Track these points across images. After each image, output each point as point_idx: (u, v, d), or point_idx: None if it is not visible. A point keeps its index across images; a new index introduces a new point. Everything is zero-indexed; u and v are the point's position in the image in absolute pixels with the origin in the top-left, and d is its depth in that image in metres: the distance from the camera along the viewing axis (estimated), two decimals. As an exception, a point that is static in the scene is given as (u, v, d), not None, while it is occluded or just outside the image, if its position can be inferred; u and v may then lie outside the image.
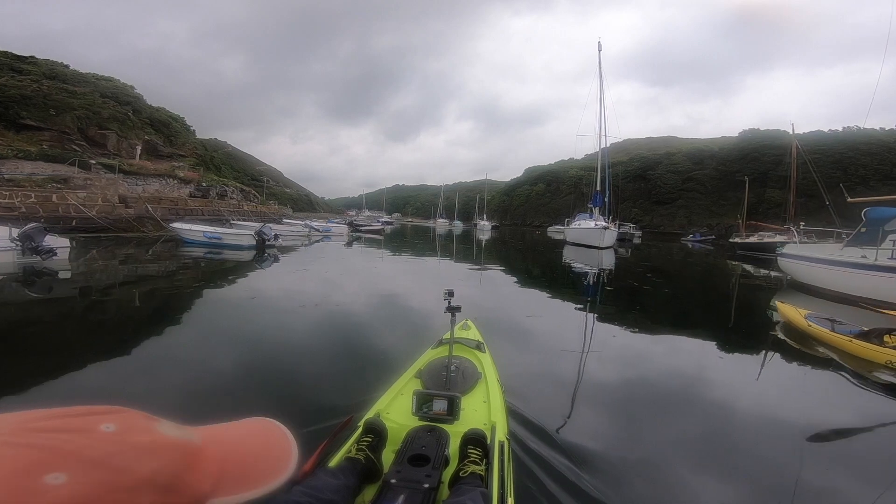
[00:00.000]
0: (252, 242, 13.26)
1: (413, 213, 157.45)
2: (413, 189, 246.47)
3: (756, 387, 3.89)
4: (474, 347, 2.77)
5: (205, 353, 4.04)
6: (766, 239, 22.89)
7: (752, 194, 62.29)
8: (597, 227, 21.94)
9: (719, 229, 57.59)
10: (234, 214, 25.59)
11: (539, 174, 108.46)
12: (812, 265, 9.83)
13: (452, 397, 1.89)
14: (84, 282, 7.81)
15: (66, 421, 0.36)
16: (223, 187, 33.09)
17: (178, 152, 38.72)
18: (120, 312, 5.75)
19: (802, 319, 5.33)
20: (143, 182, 23.06)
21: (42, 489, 0.31)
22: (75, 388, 3.16)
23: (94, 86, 35.54)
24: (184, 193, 27.49)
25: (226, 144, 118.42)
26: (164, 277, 8.50)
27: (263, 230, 13.47)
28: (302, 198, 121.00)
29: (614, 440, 2.68)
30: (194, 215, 21.90)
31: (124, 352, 3.96)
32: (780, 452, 2.67)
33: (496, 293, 8.53)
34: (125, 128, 31.21)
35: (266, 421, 0.50)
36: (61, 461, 0.32)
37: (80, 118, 27.36)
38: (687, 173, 73.43)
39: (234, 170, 78.73)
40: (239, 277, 9.14)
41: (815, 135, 64.67)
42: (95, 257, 11.02)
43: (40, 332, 4.76)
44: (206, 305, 6.31)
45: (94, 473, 0.33)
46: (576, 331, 5.69)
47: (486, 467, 1.55)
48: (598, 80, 24.96)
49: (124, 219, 17.70)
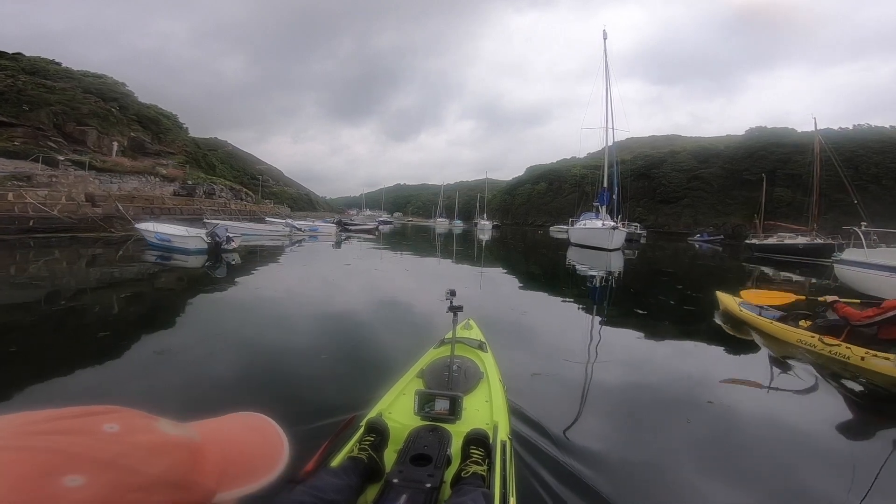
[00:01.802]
0: (201, 246, 11.07)
1: (414, 213, 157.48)
2: (414, 188, 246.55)
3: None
4: (476, 347, 2.76)
5: (206, 355, 3.91)
6: (787, 240, 21.26)
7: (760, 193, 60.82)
8: (604, 226, 20.26)
9: (726, 229, 56.14)
10: (218, 214, 24.14)
11: (541, 173, 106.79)
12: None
13: (454, 397, 1.87)
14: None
15: (68, 422, 0.35)
16: (211, 185, 31.71)
17: (167, 150, 37.40)
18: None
19: (736, 306, 6.00)
20: (119, 180, 21.64)
21: (62, 493, 0.30)
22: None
23: (79, 82, 34.29)
24: (167, 192, 26.17)
25: (226, 144, 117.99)
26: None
27: (216, 231, 11.24)
28: (302, 197, 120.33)
29: (617, 440, 2.67)
30: (172, 214, 20.48)
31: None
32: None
33: (496, 293, 7.89)
34: (107, 124, 29.84)
35: (254, 415, 0.51)
36: (75, 463, 0.32)
37: (57, 114, 25.96)
38: (692, 172, 71.99)
39: (234, 169, 77.70)
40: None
41: (825, 132, 63.07)
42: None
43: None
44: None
45: (108, 474, 0.33)
46: (579, 332, 5.58)
47: (489, 467, 1.56)
48: (604, 70, 23.37)
49: (90, 218, 16.30)
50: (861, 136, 59.47)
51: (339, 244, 18.91)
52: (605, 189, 23.11)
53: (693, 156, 75.02)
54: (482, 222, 63.37)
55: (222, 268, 9.85)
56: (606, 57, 23.49)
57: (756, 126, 74.17)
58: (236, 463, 0.43)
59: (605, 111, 23.05)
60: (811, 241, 19.62)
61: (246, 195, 41.67)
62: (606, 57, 23.49)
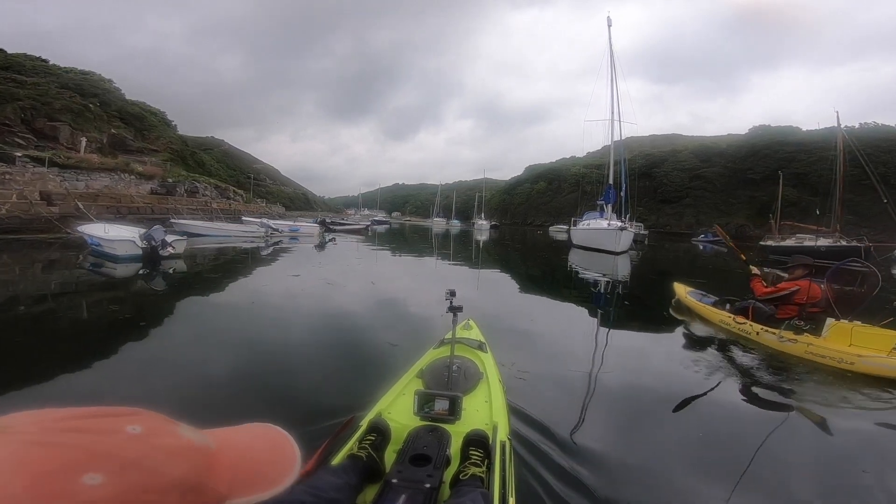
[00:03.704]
0: (134, 251, 9.19)
1: (413, 212, 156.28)
2: (413, 188, 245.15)
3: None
4: (476, 347, 2.76)
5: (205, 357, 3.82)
6: (808, 242, 19.65)
7: (765, 193, 59.41)
8: (610, 227, 18.53)
9: (729, 229, 54.74)
10: (196, 213, 22.58)
11: (540, 172, 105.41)
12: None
13: (454, 397, 1.86)
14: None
15: (92, 421, 0.36)
16: (193, 183, 30.15)
17: (150, 147, 35.86)
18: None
19: (685, 294, 6.62)
20: (86, 177, 20.05)
21: (80, 489, 0.31)
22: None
23: (57, 78, 32.75)
24: (143, 190, 24.64)
25: (222, 143, 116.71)
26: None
27: (152, 233, 9.29)
28: (299, 196, 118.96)
29: (616, 441, 2.64)
30: (142, 214, 18.95)
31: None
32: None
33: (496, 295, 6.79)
34: (82, 120, 28.26)
35: (270, 427, 0.52)
36: (96, 462, 0.33)
37: (25, 109, 24.35)
38: (694, 171, 70.76)
39: (229, 168, 76.00)
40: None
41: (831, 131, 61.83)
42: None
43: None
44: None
45: (127, 475, 0.33)
46: (579, 334, 5.58)
47: (488, 468, 1.56)
48: (609, 59, 21.80)
49: (43, 218, 14.80)
50: (867, 135, 58.05)
51: (322, 246, 17.37)
52: (610, 186, 21.36)
53: (694, 155, 73.76)
54: (479, 222, 62.38)
55: (158, 279, 8.28)
56: (611, 45, 21.97)
57: (759, 124, 72.95)
58: (248, 471, 0.44)
59: (611, 102, 21.44)
60: (835, 244, 18.05)
61: (234, 194, 40.18)
62: (611, 45, 21.97)
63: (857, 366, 3.89)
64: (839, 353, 4.03)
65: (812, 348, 4.20)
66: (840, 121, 22.87)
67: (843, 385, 3.74)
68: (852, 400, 3.50)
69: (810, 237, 20.22)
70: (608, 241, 17.95)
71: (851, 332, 4.12)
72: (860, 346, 4.04)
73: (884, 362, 3.79)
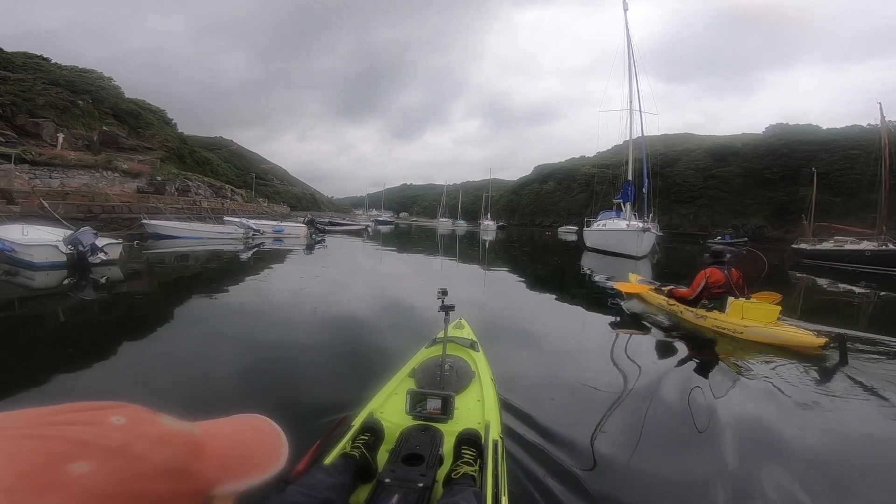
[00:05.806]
0: (56, 259, 7.78)
1: (420, 213, 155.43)
2: (420, 188, 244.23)
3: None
4: (468, 346, 2.74)
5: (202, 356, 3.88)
6: (849, 245, 17.60)
7: (784, 193, 56.95)
8: (630, 228, 16.67)
9: (746, 230, 52.32)
10: (184, 212, 21.15)
11: (549, 172, 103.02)
12: None
13: (446, 396, 1.85)
14: None
15: (77, 415, 0.37)
16: (185, 182, 28.83)
17: (145, 144, 34.57)
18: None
19: (637, 282, 7.84)
20: (62, 174, 18.68)
21: (68, 478, 0.31)
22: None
23: (47, 74, 31.62)
24: (129, 188, 23.31)
25: (231, 143, 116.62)
26: None
27: (79, 237, 7.76)
28: (307, 196, 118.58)
29: (608, 439, 2.62)
30: (118, 213, 17.52)
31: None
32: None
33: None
34: (68, 116, 27.00)
35: (256, 417, 0.53)
36: (83, 451, 0.33)
37: (5, 105, 23.10)
38: (708, 170, 68.49)
39: (237, 168, 75.18)
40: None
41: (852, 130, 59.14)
42: None
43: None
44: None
45: (114, 461, 0.34)
46: (579, 335, 5.65)
47: (480, 467, 1.56)
48: (626, 46, 19.97)
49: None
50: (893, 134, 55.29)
51: (310, 248, 15.79)
52: (629, 182, 19.47)
53: (709, 154, 71.40)
54: (485, 222, 60.91)
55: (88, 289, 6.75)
56: (628, 30, 20.15)
57: (777, 123, 70.34)
58: (236, 456, 0.44)
59: (630, 91, 19.59)
60: (881, 247, 16.06)
61: (232, 192, 38.91)
62: (628, 30, 20.15)
63: (744, 334, 4.84)
64: (734, 324, 4.99)
65: (716, 322, 5.24)
66: (884, 114, 20.60)
67: (736, 349, 4.66)
68: (738, 361, 4.31)
69: (852, 240, 18.16)
70: (628, 244, 16.04)
71: (743, 307, 5.01)
72: (749, 319, 4.89)
73: (761, 331, 4.72)
